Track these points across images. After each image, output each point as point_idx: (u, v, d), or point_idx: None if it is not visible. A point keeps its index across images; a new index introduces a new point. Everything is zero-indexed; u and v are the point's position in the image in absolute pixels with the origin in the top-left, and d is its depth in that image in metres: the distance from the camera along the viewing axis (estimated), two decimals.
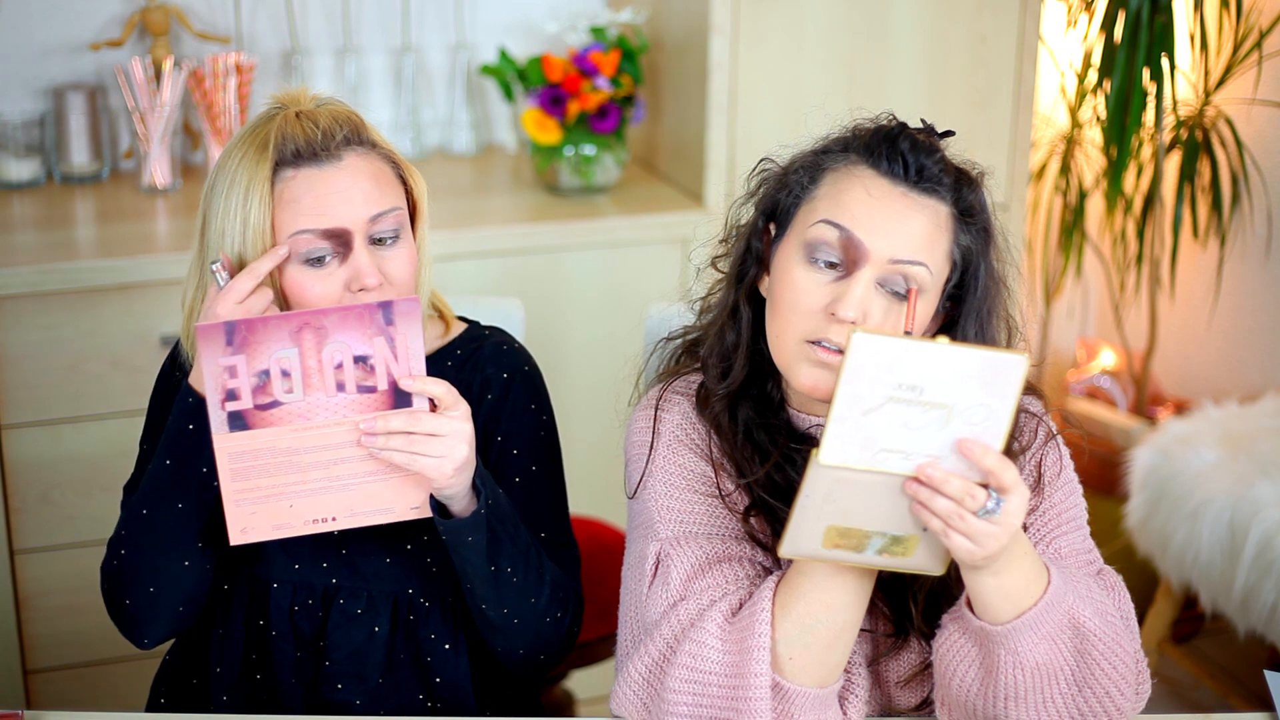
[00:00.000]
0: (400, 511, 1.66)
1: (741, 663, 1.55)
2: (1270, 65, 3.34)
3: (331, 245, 1.69)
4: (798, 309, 1.61)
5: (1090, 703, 1.58)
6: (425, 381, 1.60)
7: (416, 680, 1.85)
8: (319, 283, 1.70)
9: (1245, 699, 3.07)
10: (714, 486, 1.69)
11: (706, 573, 1.64)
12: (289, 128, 1.70)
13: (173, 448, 1.72)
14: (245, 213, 1.68)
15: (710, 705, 1.57)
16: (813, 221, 1.62)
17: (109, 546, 1.81)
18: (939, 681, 1.62)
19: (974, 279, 1.66)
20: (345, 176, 1.70)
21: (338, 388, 1.58)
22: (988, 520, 1.44)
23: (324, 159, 1.70)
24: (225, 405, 1.57)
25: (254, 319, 1.55)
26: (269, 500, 1.62)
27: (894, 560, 1.50)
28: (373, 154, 1.73)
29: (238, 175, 1.69)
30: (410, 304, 1.57)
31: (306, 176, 1.69)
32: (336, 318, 1.56)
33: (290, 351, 1.56)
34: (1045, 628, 1.53)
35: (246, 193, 1.68)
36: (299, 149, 1.69)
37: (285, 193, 1.69)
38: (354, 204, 1.69)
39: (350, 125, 1.73)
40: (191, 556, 1.75)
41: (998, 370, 1.39)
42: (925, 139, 1.65)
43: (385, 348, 1.58)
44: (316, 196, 1.69)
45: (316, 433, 1.60)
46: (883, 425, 1.40)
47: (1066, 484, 1.73)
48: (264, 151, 1.69)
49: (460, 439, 1.61)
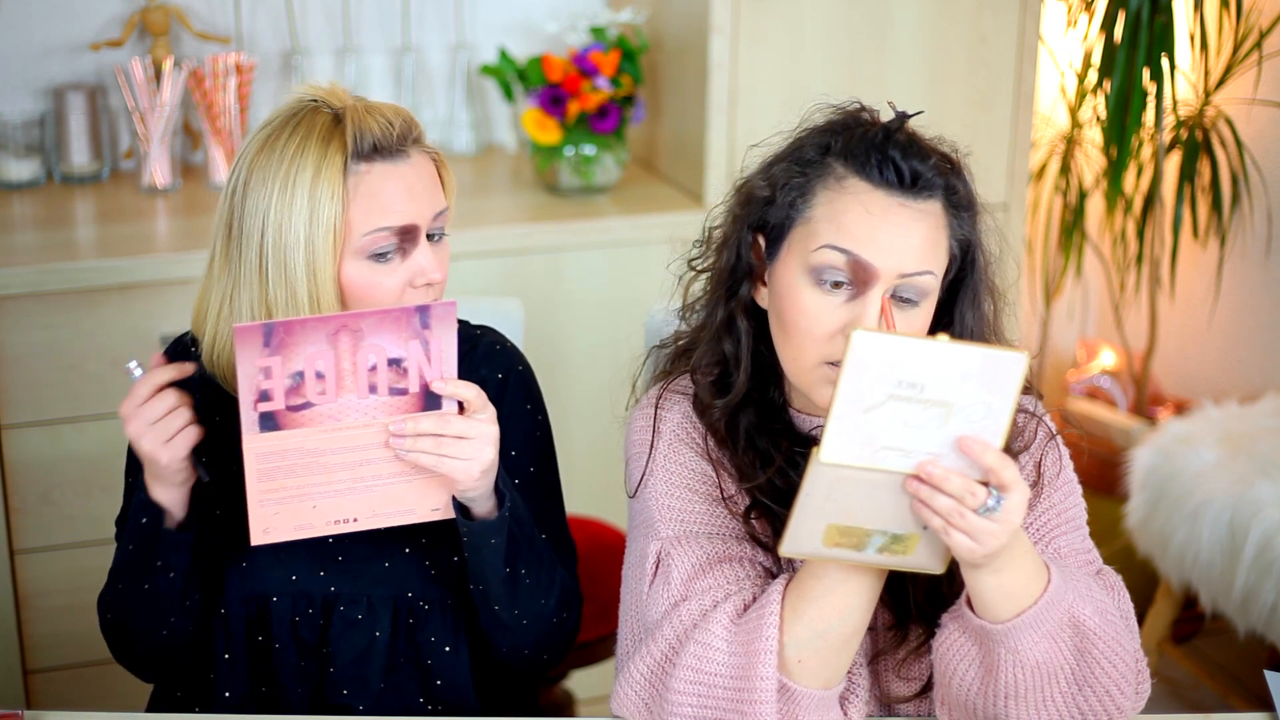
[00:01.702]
0: (422, 513, 1.66)
1: (748, 664, 1.55)
2: (1270, 65, 3.34)
3: (399, 241, 1.69)
4: (813, 335, 1.60)
5: (1090, 702, 1.58)
6: (457, 385, 1.61)
7: (417, 683, 1.85)
8: (383, 278, 1.69)
9: (1245, 699, 3.07)
10: (715, 486, 1.69)
11: (708, 573, 1.64)
12: (364, 121, 1.69)
13: (133, 535, 1.72)
14: (315, 206, 1.66)
15: (715, 706, 1.57)
16: (815, 246, 1.60)
17: (109, 576, 1.81)
18: (939, 680, 1.62)
19: (970, 264, 1.66)
20: (414, 173, 1.71)
21: (369, 390, 1.58)
22: (988, 518, 1.44)
23: (398, 155, 1.70)
24: (258, 406, 1.56)
25: (292, 320, 1.55)
26: (293, 501, 1.62)
27: (894, 559, 1.50)
28: (427, 153, 1.75)
29: (297, 168, 1.66)
30: (447, 308, 1.57)
31: (382, 171, 1.69)
32: (374, 320, 1.56)
33: (326, 353, 1.56)
34: (1045, 626, 1.53)
35: (314, 186, 1.66)
36: (376, 143, 1.69)
37: (361, 186, 1.68)
38: (421, 201, 1.70)
39: (415, 124, 1.74)
40: (177, 617, 1.76)
41: (998, 368, 1.39)
42: (909, 138, 1.62)
43: (419, 351, 1.58)
44: (393, 192, 1.68)
45: (345, 434, 1.60)
46: (883, 423, 1.40)
47: (1066, 483, 1.73)
48: (331, 144, 1.67)
49: (488, 442, 1.62)
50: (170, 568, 1.71)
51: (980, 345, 1.40)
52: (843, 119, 1.67)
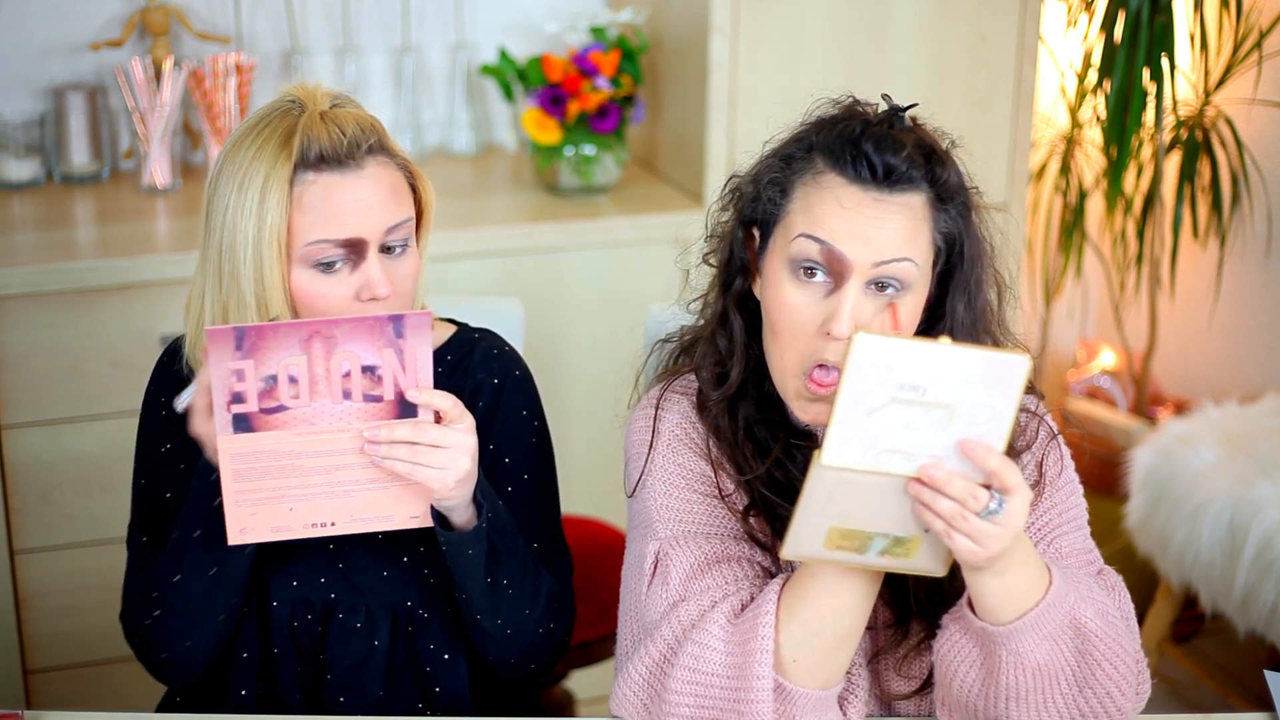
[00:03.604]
0: (400, 520, 1.66)
1: (744, 664, 1.55)
2: (1270, 65, 3.34)
3: (345, 253, 1.68)
4: (793, 330, 1.60)
5: (1091, 703, 1.58)
6: (432, 394, 1.59)
7: (416, 691, 1.84)
8: (329, 288, 1.68)
9: (1245, 699, 3.07)
10: (714, 486, 1.69)
11: (706, 573, 1.64)
12: (314, 129, 1.67)
13: (200, 519, 1.70)
14: (262, 211, 1.65)
15: (712, 706, 1.57)
16: (792, 236, 1.61)
17: (127, 597, 1.81)
18: (939, 681, 1.62)
19: (960, 256, 1.65)
20: (366, 186, 1.68)
21: (344, 395, 1.58)
22: (990, 521, 1.43)
23: (347, 166, 1.67)
24: (231, 407, 1.56)
25: (264, 325, 1.54)
26: (269, 502, 1.61)
27: (896, 561, 1.50)
28: (391, 163, 1.71)
29: (253, 170, 1.66)
30: (421, 318, 1.56)
31: (327, 182, 1.67)
32: (347, 328, 1.55)
33: (299, 358, 1.56)
34: (1047, 628, 1.53)
35: (263, 191, 1.65)
36: (323, 152, 1.66)
37: (304, 196, 1.66)
38: (372, 214, 1.67)
39: (374, 133, 1.70)
40: (230, 609, 1.76)
41: (1000, 370, 1.39)
42: (887, 130, 1.61)
43: (394, 359, 1.57)
44: (336, 205, 1.66)
45: (320, 438, 1.59)
46: (885, 426, 1.40)
47: (1067, 484, 1.73)
48: (284, 150, 1.66)
49: (463, 451, 1.61)
50: (243, 546, 1.68)
51: (982, 348, 1.40)
52: (835, 113, 1.67)
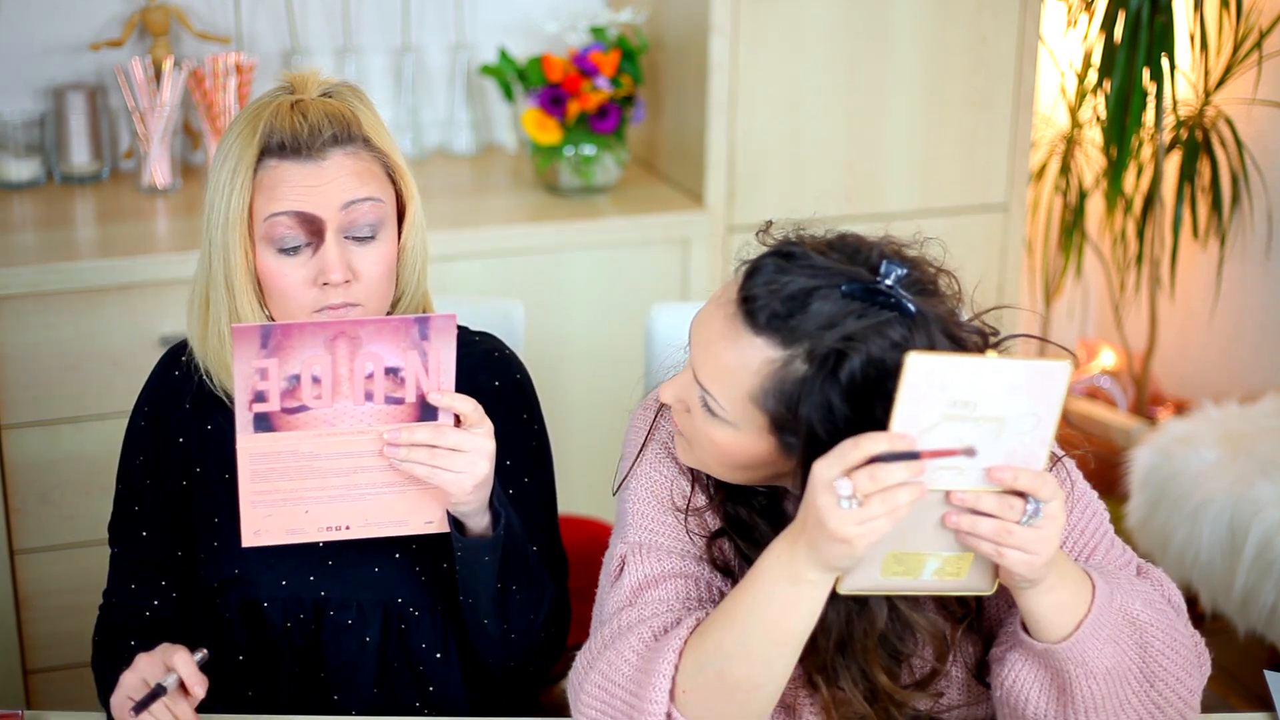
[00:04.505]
0: (415, 525, 1.65)
1: (645, 683, 1.52)
2: (1270, 65, 3.34)
3: (304, 233, 1.68)
4: None
5: (1164, 693, 1.58)
6: (453, 397, 1.59)
7: (413, 690, 1.84)
8: (290, 270, 1.69)
9: (1245, 699, 3.07)
10: (688, 501, 1.68)
11: (658, 586, 1.62)
12: (278, 119, 1.69)
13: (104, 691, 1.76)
14: (230, 193, 1.68)
15: (614, 716, 1.55)
16: None
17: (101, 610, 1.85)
18: (1010, 717, 1.60)
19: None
20: (325, 173, 1.69)
21: (366, 397, 1.58)
22: (1033, 526, 1.44)
23: (306, 156, 1.69)
24: (253, 406, 1.56)
25: (290, 324, 1.54)
26: (286, 504, 1.61)
27: (949, 582, 1.50)
28: (363, 153, 1.72)
29: (230, 155, 1.70)
30: (446, 320, 1.56)
31: (287, 169, 1.69)
32: (373, 329, 1.55)
33: (323, 358, 1.55)
34: (1106, 630, 1.53)
35: (233, 174, 1.69)
36: (284, 141, 1.69)
37: (265, 179, 1.69)
38: (329, 195, 1.69)
39: (340, 124, 1.71)
40: None
41: (1044, 379, 1.41)
42: None
43: (417, 361, 1.57)
44: (291, 187, 1.68)
45: (340, 439, 1.59)
46: (939, 444, 1.41)
47: (1080, 500, 1.70)
48: (253, 137, 1.69)
49: (482, 456, 1.61)
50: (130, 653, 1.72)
51: (1025, 359, 1.42)
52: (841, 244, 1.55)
